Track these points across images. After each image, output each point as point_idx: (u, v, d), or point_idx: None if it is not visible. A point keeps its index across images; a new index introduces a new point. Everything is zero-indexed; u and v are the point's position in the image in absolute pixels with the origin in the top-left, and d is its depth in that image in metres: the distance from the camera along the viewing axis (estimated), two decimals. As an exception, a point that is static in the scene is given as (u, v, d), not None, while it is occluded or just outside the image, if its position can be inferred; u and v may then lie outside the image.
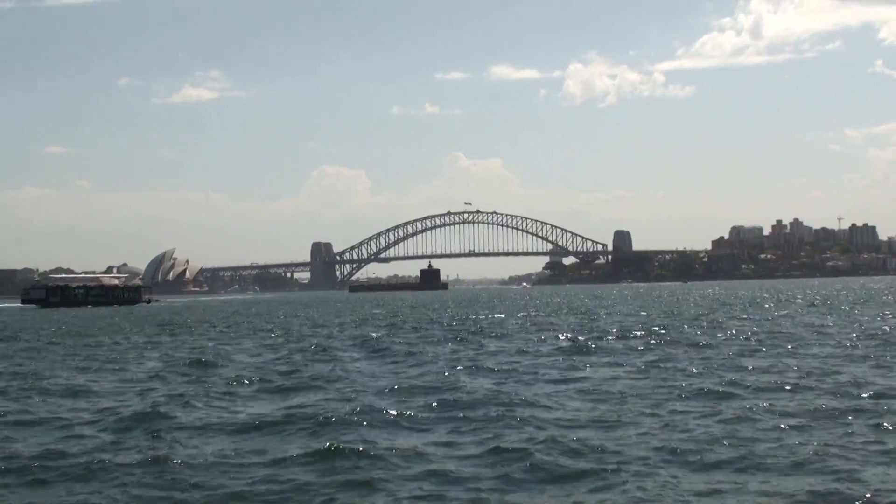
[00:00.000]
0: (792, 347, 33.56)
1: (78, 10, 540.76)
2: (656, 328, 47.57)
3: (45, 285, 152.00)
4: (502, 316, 71.43)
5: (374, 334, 48.97)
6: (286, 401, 22.57)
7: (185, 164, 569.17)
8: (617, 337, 41.11)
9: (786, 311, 65.02)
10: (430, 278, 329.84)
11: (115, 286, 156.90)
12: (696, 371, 26.50)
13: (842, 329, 43.53)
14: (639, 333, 42.91)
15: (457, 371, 28.14)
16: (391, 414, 19.50)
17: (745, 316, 59.37)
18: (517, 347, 36.72)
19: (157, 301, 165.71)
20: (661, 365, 28.37)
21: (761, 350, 32.76)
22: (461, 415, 19.43)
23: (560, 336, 42.67)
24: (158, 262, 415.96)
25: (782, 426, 17.29)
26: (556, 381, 25.02)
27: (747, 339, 38.25)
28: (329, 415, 19.42)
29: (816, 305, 76.40)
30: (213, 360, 33.41)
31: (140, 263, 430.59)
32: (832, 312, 61.87)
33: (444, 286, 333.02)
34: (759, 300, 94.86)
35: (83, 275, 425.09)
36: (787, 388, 22.44)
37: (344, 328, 57.85)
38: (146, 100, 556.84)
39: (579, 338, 40.38)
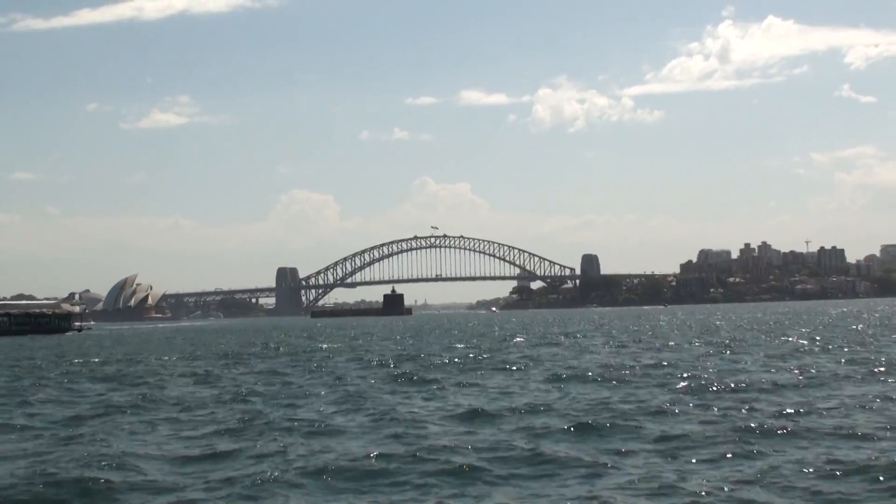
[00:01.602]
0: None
1: (46, 36, 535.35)
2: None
3: None
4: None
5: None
6: None
7: (154, 189, 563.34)
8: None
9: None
10: (393, 303, 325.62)
11: (42, 314, 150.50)
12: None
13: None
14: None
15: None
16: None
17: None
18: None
19: (89, 329, 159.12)
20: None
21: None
22: None
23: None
24: (120, 288, 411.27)
25: None
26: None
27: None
28: None
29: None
30: None
31: (106, 290, 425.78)
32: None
33: (409, 311, 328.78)
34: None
35: (45, 301, 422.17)
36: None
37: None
38: (115, 125, 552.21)
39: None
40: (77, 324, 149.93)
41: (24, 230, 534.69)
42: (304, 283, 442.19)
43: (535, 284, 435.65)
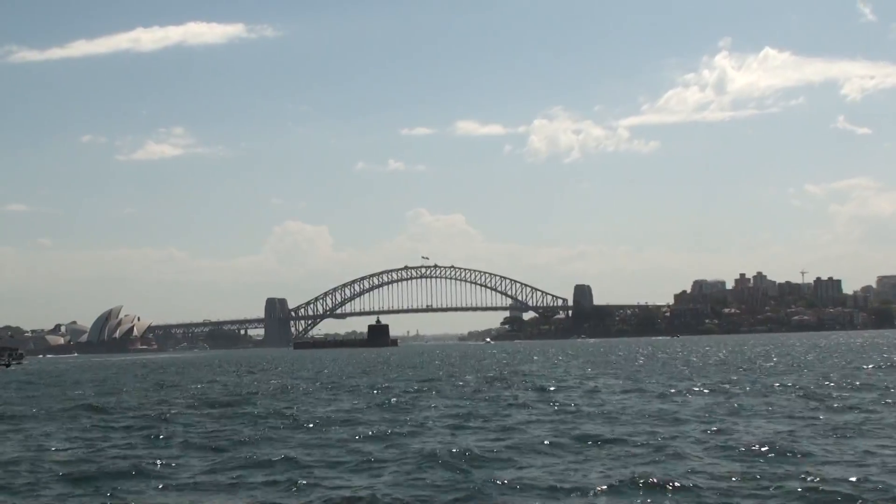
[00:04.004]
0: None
1: (41, 67, 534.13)
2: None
3: None
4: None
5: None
6: None
7: (148, 221, 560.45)
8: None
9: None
10: (377, 334, 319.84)
11: None
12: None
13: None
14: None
15: None
16: None
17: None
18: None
19: (18, 363, 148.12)
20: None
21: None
22: None
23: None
24: (105, 319, 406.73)
25: None
26: None
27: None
28: None
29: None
30: None
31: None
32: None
33: (394, 342, 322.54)
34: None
35: (30, 334, 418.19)
36: None
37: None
38: (109, 157, 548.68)
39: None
40: (5, 359, 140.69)
41: (15, 262, 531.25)
42: (293, 313, 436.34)
43: (528, 315, 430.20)
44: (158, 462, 23.48)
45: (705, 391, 42.80)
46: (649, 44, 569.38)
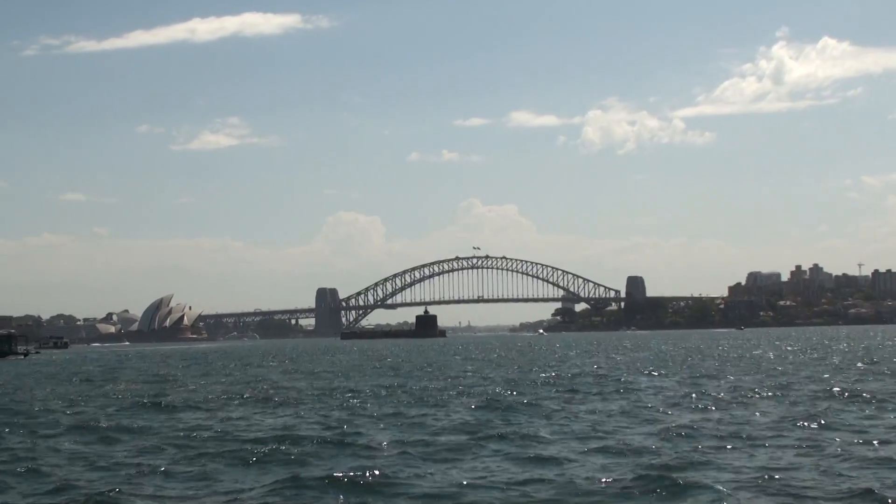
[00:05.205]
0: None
1: (98, 58, 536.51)
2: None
3: None
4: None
5: None
6: None
7: (203, 211, 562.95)
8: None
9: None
10: (426, 325, 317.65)
11: None
12: None
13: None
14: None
15: None
16: None
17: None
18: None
19: (37, 353, 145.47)
20: None
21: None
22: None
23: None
24: (155, 308, 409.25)
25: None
26: None
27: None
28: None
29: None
30: None
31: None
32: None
33: (442, 333, 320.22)
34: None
35: (82, 322, 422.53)
36: None
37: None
38: (165, 146, 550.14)
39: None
40: (23, 348, 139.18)
41: (72, 251, 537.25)
42: (343, 303, 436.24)
43: (580, 306, 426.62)
44: None
45: None
46: (705, 34, 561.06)
